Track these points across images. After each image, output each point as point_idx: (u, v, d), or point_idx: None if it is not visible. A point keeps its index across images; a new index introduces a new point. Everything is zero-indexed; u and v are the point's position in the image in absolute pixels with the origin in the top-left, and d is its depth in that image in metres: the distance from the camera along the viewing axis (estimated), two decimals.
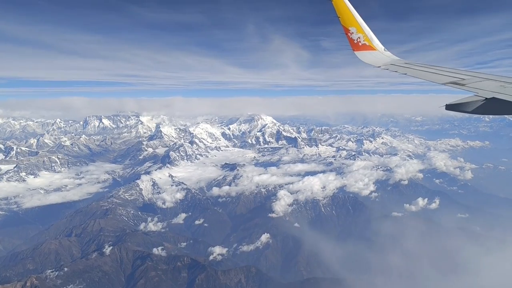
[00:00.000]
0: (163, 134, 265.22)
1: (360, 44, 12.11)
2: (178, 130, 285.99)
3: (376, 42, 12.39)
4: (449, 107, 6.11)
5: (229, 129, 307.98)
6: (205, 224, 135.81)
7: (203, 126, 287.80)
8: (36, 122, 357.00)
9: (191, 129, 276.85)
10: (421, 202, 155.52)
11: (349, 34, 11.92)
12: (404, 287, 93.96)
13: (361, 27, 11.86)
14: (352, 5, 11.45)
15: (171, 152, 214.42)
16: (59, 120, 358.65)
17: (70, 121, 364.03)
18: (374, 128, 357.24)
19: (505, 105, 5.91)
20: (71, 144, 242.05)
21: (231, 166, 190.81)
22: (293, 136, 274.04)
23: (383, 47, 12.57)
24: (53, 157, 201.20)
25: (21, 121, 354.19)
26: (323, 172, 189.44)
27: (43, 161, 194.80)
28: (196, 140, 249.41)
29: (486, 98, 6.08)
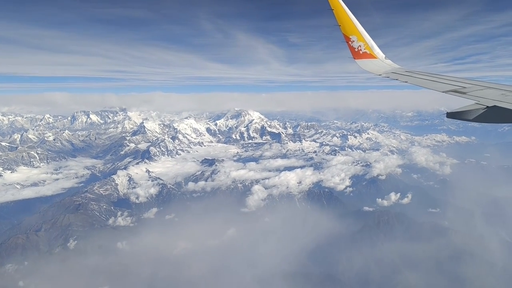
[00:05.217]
0: (146, 130, 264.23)
1: (361, 52, 12.34)
2: (162, 125, 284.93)
3: (376, 50, 12.64)
4: (450, 115, 6.13)
5: (215, 124, 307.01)
6: (176, 219, 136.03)
7: (188, 122, 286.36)
8: (25, 117, 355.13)
9: (175, 125, 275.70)
10: (394, 196, 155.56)
11: (350, 42, 12.08)
12: None
13: (362, 36, 12.03)
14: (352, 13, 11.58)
15: (151, 148, 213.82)
16: (48, 116, 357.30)
17: (60, 117, 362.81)
18: (363, 123, 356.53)
19: (506, 113, 6.02)
20: (54, 140, 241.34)
21: (210, 162, 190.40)
22: (277, 132, 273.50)
23: (383, 55, 12.80)
24: (32, 152, 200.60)
25: (10, 116, 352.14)
26: (302, 167, 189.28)
27: (22, 156, 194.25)
28: (180, 136, 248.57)
29: (488, 106, 6.16)
